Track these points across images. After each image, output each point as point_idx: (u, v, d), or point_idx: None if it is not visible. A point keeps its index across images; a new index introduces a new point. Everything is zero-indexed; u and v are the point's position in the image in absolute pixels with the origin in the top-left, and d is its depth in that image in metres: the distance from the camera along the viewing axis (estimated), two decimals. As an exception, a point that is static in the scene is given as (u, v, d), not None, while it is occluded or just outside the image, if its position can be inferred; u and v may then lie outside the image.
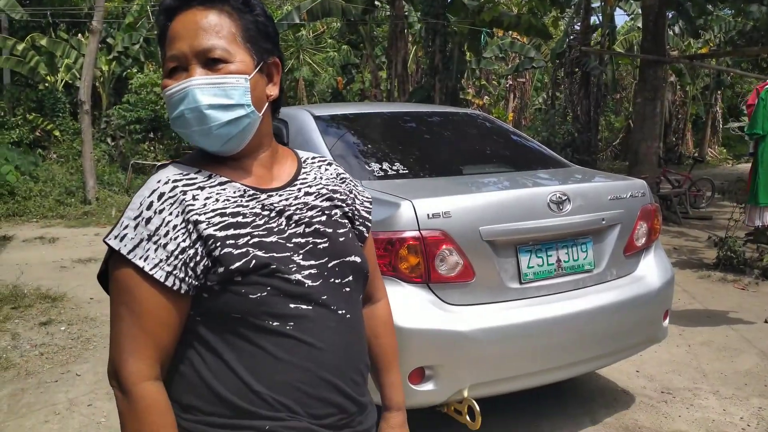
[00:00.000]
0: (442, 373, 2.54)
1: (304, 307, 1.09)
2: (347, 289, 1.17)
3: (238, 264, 1.05)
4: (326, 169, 1.30)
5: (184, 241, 1.05)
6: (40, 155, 13.82)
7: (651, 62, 9.81)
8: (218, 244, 1.06)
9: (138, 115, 14.95)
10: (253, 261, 1.06)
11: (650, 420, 3.25)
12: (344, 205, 1.25)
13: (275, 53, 1.18)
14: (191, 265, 1.05)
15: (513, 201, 2.79)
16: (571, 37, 16.08)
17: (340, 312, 1.14)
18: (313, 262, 1.12)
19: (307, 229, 1.15)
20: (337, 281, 1.15)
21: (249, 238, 1.08)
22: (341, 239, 1.19)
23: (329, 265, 1.14)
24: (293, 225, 1.14)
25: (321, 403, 1.10)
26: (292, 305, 1.08)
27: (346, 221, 1.24)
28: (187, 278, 1.05)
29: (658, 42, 9.96)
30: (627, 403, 3.45)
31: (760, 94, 4.80)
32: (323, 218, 1.18)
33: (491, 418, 2.67)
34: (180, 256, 1.05)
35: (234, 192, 1.12)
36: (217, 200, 1.09)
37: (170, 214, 1.06)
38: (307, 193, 1.20)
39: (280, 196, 1.16)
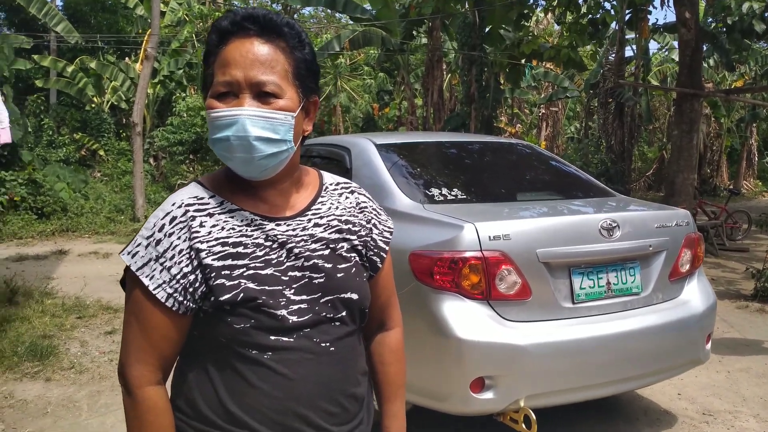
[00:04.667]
0: (501, 383, 2.75)
1: (285, 339, 1.14)
2: (337, 324, 1.19)
3: (227, 296, 1.11)
4: (347, 198, 1.31)
5: (186, 266, 1.12)
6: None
7: (688, 96, 9.92)
8: (213, 274, 1.12)
9: (181, 137, 15.48)
10: (242, 294, 1.12)
11: (693, 439, 3.40)
12: (355, 237, 1.27)
13: (316, 91, 1.23)
14: (190, 290, 1.12)
15: (567, 226, 3.02)
16: (606, 68, 16.28)
17: (323, 345, 1.17)
18: (304, 297, 1.16)
19: (306, 263, 1.18)
20: (328, 315, 1.18)
21: (245, 269, 1.14)
22: (339, 275, 1.21)
23: (321, 300, 1.18)
24: (292, 258, 1.17)
25: (285, 430, 1.14)
26: (272, 337, 1.13)
27: (353, 255, 1.25)
28: (185, 301, 1.12)
29: (694, 76, 10.07)
30: (670, 423, 3.59)
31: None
32: (326, 252, 1.21)
33: (544, 430, 2.85)
34: (181, 281, 1.12)
35: (241, 221, 1.17)
36: (222, 228, 1.15)
37: (178, 238, 1.13)
38: (316, 225, 1.23)
39: (288, 226, 1.20)
